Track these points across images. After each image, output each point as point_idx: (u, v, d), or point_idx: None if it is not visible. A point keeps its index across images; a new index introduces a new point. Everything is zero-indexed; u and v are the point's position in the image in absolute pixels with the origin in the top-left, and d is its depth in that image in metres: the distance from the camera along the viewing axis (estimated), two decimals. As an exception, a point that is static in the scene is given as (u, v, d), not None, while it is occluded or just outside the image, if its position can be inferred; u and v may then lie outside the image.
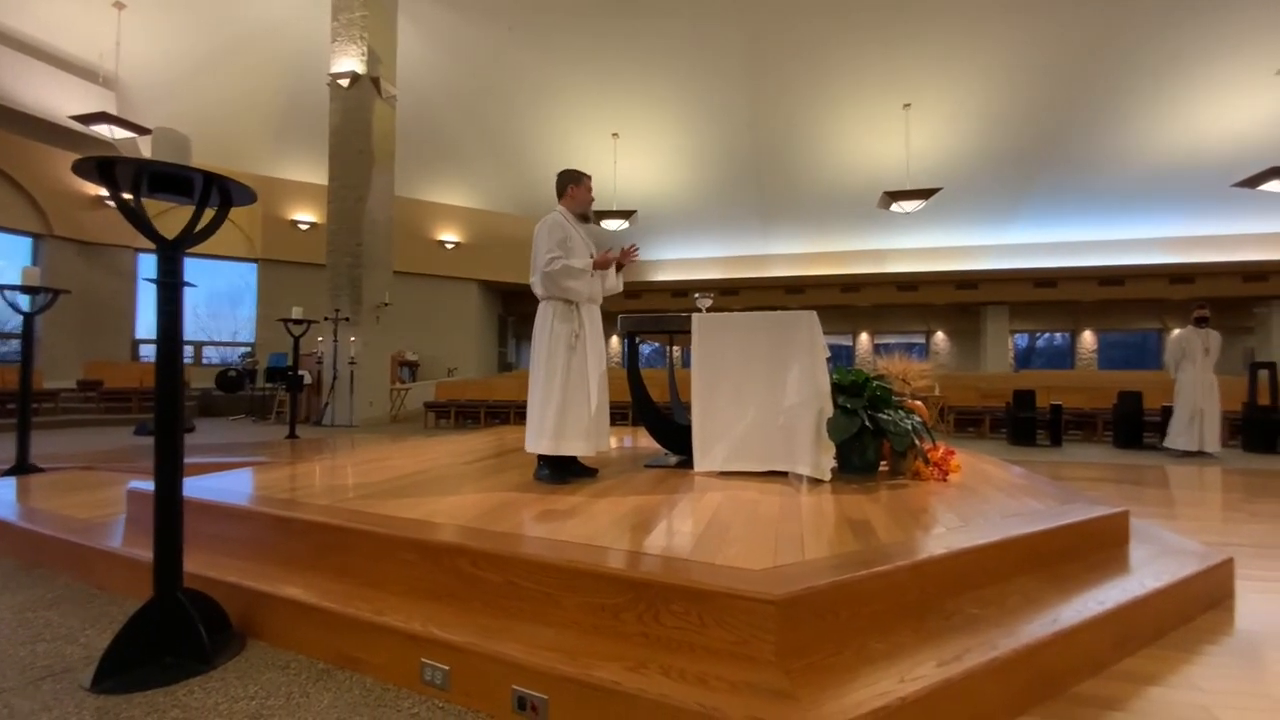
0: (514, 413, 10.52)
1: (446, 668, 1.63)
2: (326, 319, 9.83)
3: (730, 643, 1.53)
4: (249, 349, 14.08)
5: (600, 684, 1.43)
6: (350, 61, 10.04)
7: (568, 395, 2.96)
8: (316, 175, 12.83)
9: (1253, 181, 10.07)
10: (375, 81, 10.15)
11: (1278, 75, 10.01)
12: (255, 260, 14.10)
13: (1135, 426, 7.77)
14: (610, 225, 13.22)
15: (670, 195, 14.97)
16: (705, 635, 1.56)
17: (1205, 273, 14.12)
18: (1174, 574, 2.21)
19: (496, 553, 1.85)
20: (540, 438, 2.97)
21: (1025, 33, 10.08)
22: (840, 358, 17.41)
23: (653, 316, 3.66)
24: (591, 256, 3.11)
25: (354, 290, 10.07)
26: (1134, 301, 15.15)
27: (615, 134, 13.24)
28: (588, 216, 3.28)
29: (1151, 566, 2.29)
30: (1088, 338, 16.44)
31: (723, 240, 16.77)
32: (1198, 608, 2.23)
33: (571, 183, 3.20)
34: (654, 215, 15.14)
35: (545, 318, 3.07)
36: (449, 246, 15.88)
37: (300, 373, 9.05)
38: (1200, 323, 7.17)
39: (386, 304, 10.47)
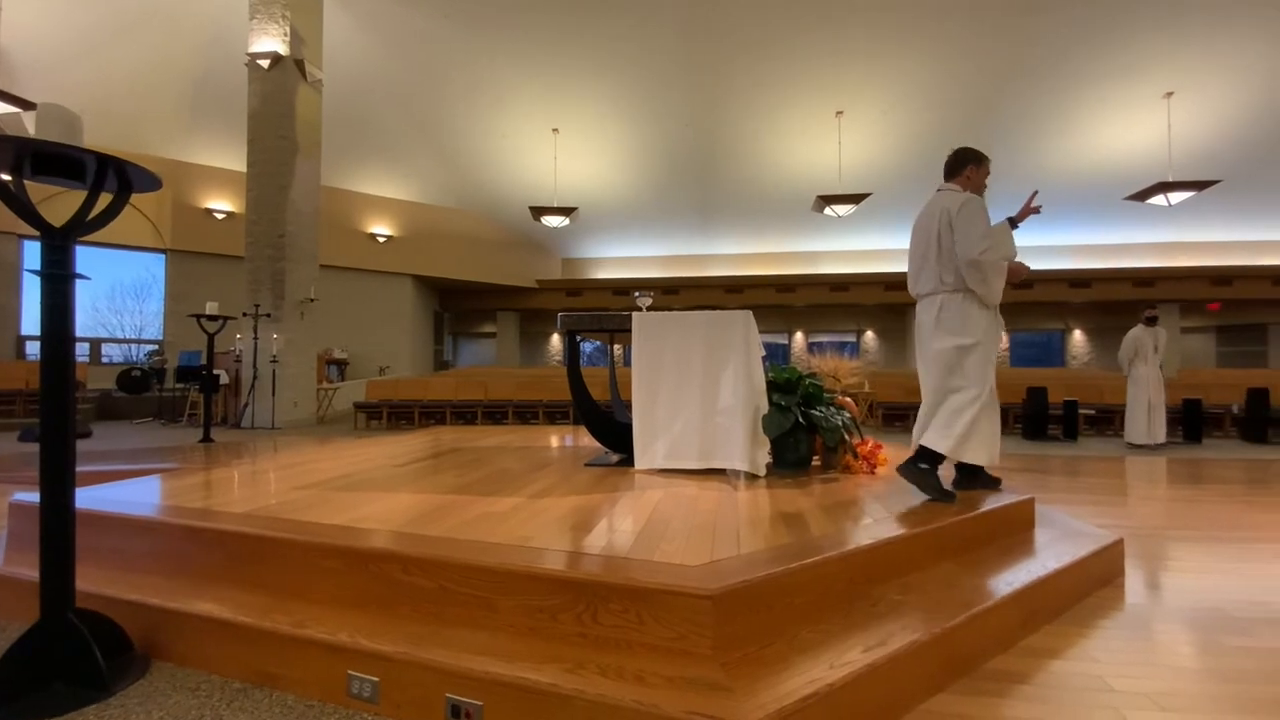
0: (450, 412, 10.24)
1: (375, 679, 1.56)
2: (245, 315, 9.24)
3: (668, 639, 1.54)
4: (157, 346, 13.05)
5: (536, 687, 1.41)
6: (271, 41, 9.47)
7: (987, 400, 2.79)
8: (234, 161, 12.03)
9: (1142, 195, 11.10)
10: (299, 64, 9.62)
11: (1165, 99, 11.04)
12: (164, 251, 13.07)
13: (1042, 419, 8.50)
14: (550, 222, 13.08)
15: (611, 193, 14.95)
16: (643, 633, 1.56)
17: (1101, 278, 15.43)
18: (1073, 555, 2.40)
19: (428, 557, 1.79)
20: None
21: (949, 48, 10.67)
22: (776, 356, 17.92)
23: (593, 315, 3.64)
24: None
25: (276, 285, 9.52)
26: (1040, 303, 16.35)
27: (555, 129, 13.09)
28: None
29: (1054, 549, 2.48)
30: (1001, 336, 17.63)
31: (663, 239, 16.92)
32: (1092, 585, 2.43)
33: (973, 162, 2.81)
34: (595, 213, 15.09)
35: (966, 311, 2.73)
36: (381, 240, 15.27)
37: (216, 372, 8.47)
38: (1150, 322, 7.60)
39: (312, 299, 9.96)
